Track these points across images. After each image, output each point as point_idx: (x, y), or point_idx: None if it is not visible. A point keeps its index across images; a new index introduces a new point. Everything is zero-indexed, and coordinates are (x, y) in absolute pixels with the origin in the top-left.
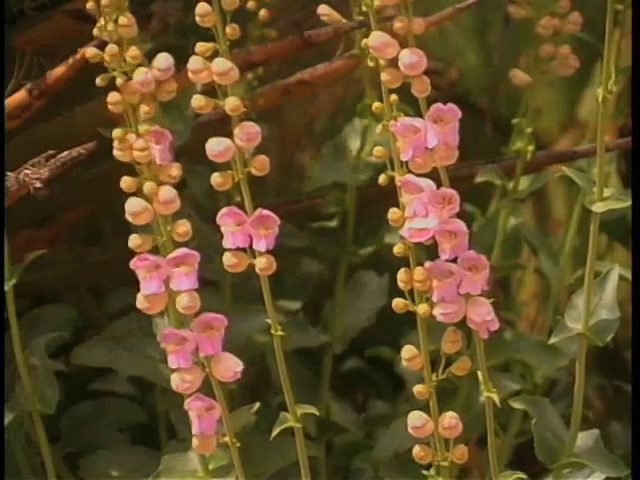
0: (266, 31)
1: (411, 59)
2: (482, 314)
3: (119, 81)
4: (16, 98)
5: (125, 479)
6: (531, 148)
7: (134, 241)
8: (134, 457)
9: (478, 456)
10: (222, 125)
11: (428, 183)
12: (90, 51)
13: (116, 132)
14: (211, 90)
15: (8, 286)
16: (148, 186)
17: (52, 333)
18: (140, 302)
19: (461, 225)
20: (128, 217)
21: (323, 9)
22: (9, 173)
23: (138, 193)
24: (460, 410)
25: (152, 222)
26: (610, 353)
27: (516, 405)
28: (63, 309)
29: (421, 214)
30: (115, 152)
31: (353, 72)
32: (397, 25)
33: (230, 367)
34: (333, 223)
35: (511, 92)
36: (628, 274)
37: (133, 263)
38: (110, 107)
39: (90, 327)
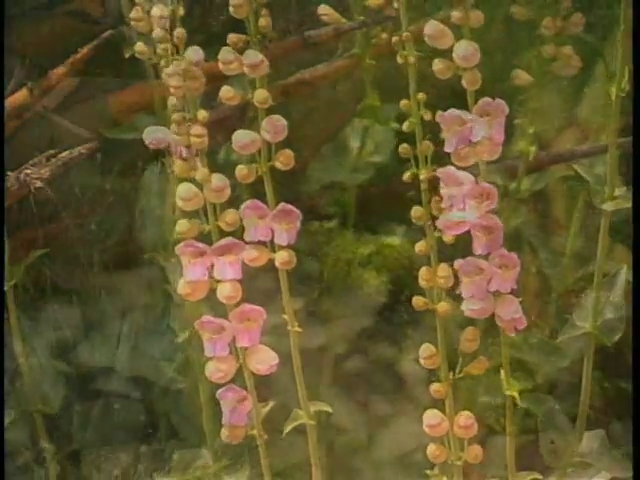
0: None
1: (466, 51)
2: (511, 312)
3: (183, 65)
4: (16, 98)
5: (125, 479)
6: (533, 149)
7: (181, 226)
8: (134, 457)
9: None
10: (221, 126)
11: (468, 177)
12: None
13: (175, 116)
14: (214, 90)
15: (8, 286)
16: (201, 172)
17: (53, 333)
18: (182, 288)
19: (497, 221)
20: (178, 202)
21: (323, 9)
22: (9, 173)
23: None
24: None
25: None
26: (611, 353)
27: (522, 404)
28: (64, 309)
29: (459, 207)
30: (173, 136)
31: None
32: (455, 16)
33: (266, 359)
34: (333, 223)
35: (511, 92)
36: (628, 274)
37: (178, 249)
38: (172, 90)
39: (93, 326)
